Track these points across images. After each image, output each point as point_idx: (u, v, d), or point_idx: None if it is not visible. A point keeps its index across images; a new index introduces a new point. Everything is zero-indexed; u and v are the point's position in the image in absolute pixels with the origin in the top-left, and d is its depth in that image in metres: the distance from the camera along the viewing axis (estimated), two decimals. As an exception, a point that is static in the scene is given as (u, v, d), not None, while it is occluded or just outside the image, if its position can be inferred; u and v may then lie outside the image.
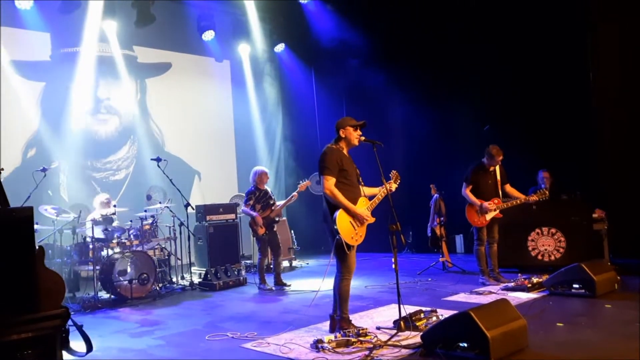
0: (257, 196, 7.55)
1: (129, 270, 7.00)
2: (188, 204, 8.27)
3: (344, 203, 4.63)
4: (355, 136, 4.84)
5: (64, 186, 9.03)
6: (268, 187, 7.77)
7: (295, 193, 7.61)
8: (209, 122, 11.10)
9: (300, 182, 7.62)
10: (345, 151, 4.88)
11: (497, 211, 6.78)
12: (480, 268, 6.93)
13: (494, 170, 6.92)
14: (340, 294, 4.77)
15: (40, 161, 7.80)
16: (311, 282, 7.85)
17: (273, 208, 7.57)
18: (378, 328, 4.88)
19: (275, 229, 7.68)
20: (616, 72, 8.18)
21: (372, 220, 4.80)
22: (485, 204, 6.77)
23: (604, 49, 8.34)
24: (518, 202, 6.74)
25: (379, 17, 10.31)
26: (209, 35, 10.52)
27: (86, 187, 9.16)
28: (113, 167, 9.53)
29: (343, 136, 4.85)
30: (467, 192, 6.90)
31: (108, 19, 9.29)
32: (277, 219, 7.74)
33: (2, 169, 4.57)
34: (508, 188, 6.93)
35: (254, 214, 7.43)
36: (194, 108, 10.80)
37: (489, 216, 6.78)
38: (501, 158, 6.83)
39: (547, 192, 6.65)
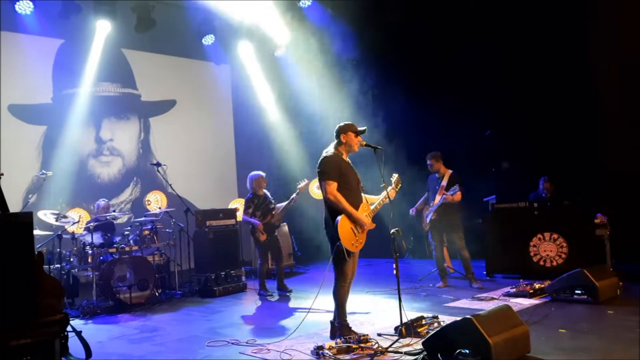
0: (257, 203, 7.51)
1: (128, 276, 6.97)
2: (188, 210, 8.25)
3: (347, 208, 4.61)
4: (355, 142, 4.83)
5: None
6: (269, 192, 7.73)
7: (295, 195, 7.55)
8: (209, 125, 11.06)
9: (300, 182, 7.52)
10: (344, 157, 4.87)
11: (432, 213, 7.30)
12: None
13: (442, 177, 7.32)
14: (338, 300, 4.76)
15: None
16: (312, 288, 7.82)
17: (274, 213, 7.54)
18: (379, 334, 4.84)
19: (276, 234, 7.66)
20: (618, 76, 8.17)
21: (372, 226, 4.78)
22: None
23: (606, 50, 8.34)
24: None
25: (382, 21, 10.32)
26: (209, 40, 10.50)
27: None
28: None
29: (344, 141, 4.84)
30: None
31: (103, 19, 9.09)
32: (278, 223, 7.71)
33: (2, 174, 4.55)
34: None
35: (255, 221, 7.40)
36: (191, 113, 10.74)
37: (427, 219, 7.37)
38: (429, 163, 7.36)
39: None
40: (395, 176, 5.07)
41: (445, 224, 7.25)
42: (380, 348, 4.35)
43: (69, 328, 4.25)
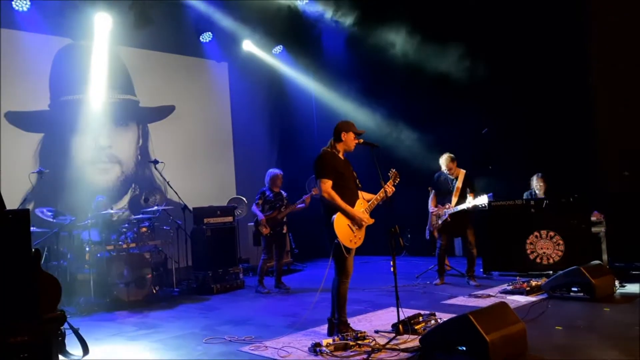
0: (267, 197, 7.61)
1: (125, 273, 6.97)
2: (185, 207, 8.24)
3: (342, 206, 4.62)
4: (354, 143, 4.87)
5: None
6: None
7: (306, 197, 7.59)
8: (208, 125, 11.01)
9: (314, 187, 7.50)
10: (340, 155, 4.88)
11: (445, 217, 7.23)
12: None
13: (454, 178, 7.35)
14: (338, 297, 4.77)
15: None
16: (309, 285, 7.83)
17: (282, 210, 7.58)
18: (376, 331, 4.86)
19: (285, 231, 7.75)
20: (616, 73, 8.17)
21: (370, 222, 4.78)
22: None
23: (604, 48, 8.33)
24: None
25: (378, 21, 10.31)
26: (207, 37, 10.51)
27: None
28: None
29: (343, 139, 4.85)
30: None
31: (102, 12, 8.99)
32: (283, 220, 7.72)
33: None
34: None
35: (259, 214, 7.50)
36: (189, 111, 10.69)
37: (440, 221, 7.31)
38: (449, 165, 7.34)
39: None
40: (392, 171, 5.07)
41: (458, 225, 7.25)
42: (377, 345, 4.36)
43: (66, 325, 4.25)
